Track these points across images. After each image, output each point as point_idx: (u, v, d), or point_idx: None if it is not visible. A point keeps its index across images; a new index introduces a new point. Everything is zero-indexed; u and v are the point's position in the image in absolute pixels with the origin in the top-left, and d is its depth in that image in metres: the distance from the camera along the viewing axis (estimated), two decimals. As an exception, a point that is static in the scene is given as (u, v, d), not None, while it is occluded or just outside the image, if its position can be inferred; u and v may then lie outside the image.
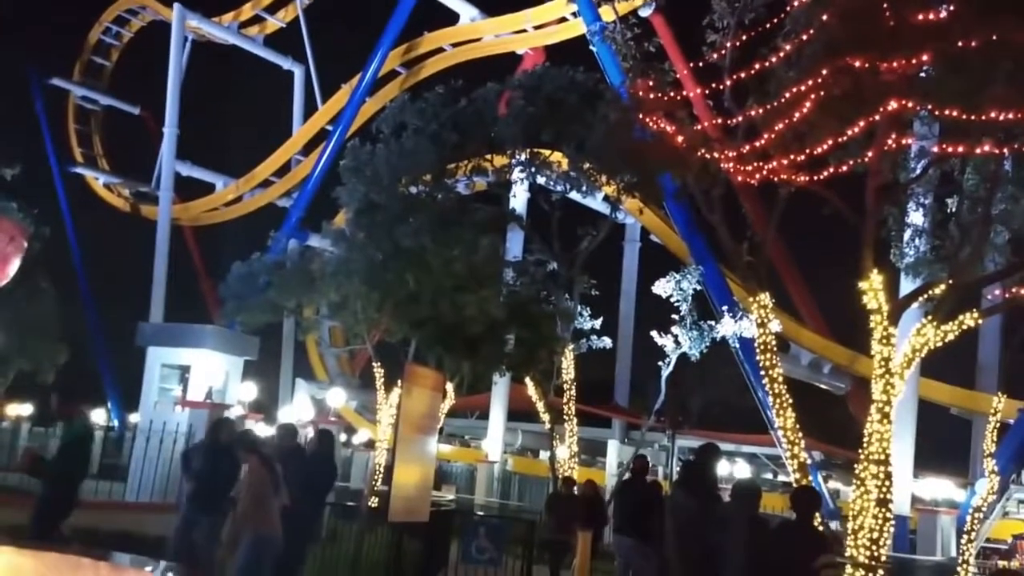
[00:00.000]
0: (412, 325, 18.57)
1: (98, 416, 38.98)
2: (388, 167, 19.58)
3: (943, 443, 27.82)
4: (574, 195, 22.38)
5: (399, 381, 13.97)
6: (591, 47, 25.23)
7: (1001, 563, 21.18)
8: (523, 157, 20.37)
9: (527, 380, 22.29)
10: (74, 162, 50.45)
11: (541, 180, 21.37)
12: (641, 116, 15.65)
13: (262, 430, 21.54)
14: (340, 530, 14.14)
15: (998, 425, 17.73)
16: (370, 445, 28.38)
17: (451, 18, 38.42)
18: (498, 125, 20.10)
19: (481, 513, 21.16)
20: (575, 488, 14.67)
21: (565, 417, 21.81)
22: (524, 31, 35.87)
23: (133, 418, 20.58)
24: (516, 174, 21.11)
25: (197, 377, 16.34)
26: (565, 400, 21.80)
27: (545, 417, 22.42)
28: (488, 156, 20.64)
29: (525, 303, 19.68)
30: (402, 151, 19.51)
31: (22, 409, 31.30)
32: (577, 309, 21.40)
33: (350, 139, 27.01)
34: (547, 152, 20.72)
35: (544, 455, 29.85)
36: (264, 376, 27.28)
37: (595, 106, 18.64)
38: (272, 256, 23.90)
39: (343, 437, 26.06)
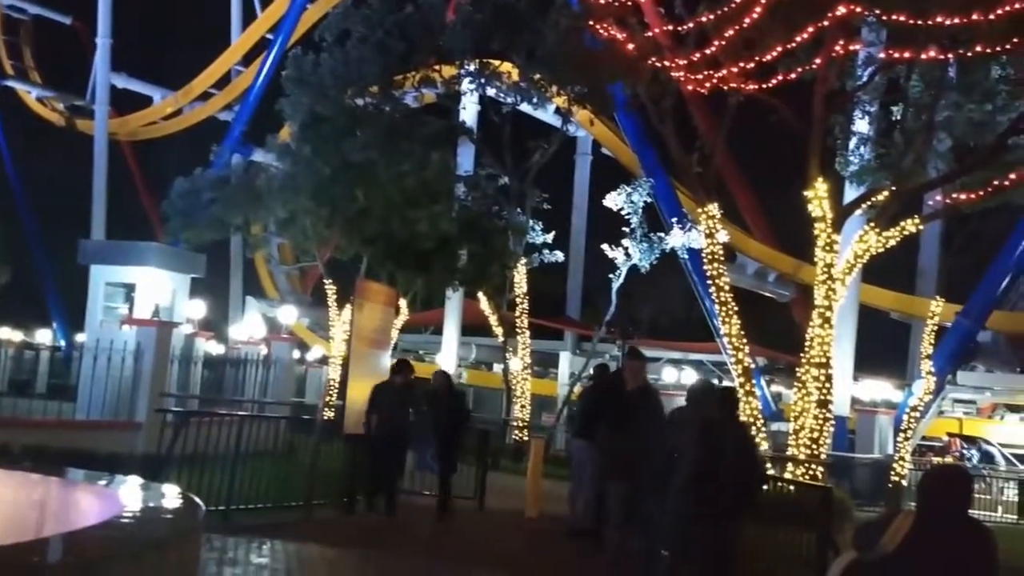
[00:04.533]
0: (363, 241, 18.40)
1: (44, 336, 38.38)
2: (333, 78, 19.02)
3: (883, 346, 28.85)
4: (525, 107, 22.10)
5: (351, 297, 13.89)
6: (541, -49, 24.53)
7: (936, 459, 22.37)
8: (472, 67, 19.95)
9: (480, 295, 22.41)
10: (4, 75, 48.03)
11: (491, 92, 21.01)
12: (592, 23, 15.35)
13: (213, 348, 21.43)
14: (297, 443, 14.28)
15: (935, 328, 18.44)
16: (324, 361, 28.45)
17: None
18: (446, 33, 19.58)
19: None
20: (411, 375, 11.51)
21: (518, 330, 22.08)
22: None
23: (80, 338, 20.20)
24: (466, 85, 20.71)
25: (143, 295, 16.04)
26: (518, 314, 22.03)
27: (498, 331, 22.67)
28: (436, 66, 20.15)
29: (477, 218, 19.61)
30: (347, 61, 18.93)
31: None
32: (529, 223, 21.41)
33: (292, 48, 26.07)
34: (497, 62, 20.32)
35: (498, 368, 30.27)
36: (213, 294, 26.89)
37: (545, 13, 18.23)
38: (215, 171, 23.30)
39: (296, 354, 26.01)
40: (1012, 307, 27.99)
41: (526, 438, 18.88)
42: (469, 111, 23.27)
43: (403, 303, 20.95)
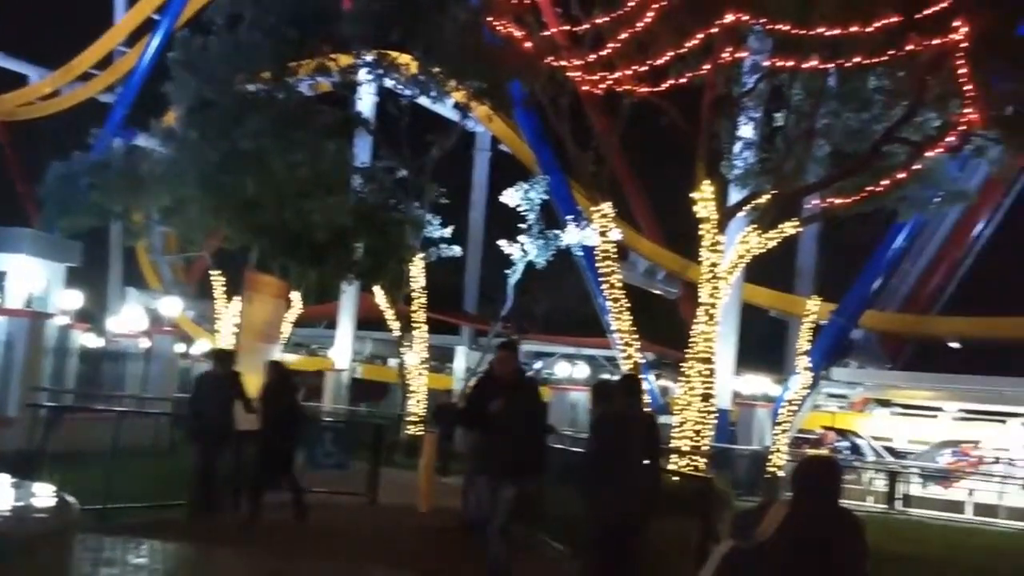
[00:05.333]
0: (253, 232, 17.86)
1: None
2: (223, 62, 18.34)
3: (762, 342, 30.10)
4: (423, 100, 21.91)
5: (240, 290, 13.47)
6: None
7: (810, 451, 23.49)
8: (370, 58, 19.62)
9: (376, 288, 22.14)
10: None
11: (389, 83, 20.73)
12: (490, 19, 15.38)
13: (90, 340, 20.39)
14: (179, 440, 13.78)
15: (812, 326, 19.36)
16: (209, 356, 27.52)
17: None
18: (342, 22, 19.19)
19: (328, 419, 21.19)
20: (233, 364, 10.49)
21: (414, 325, 21.92)
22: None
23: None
24: (363, 75, 20.36)
25: (14, 284, 15.16)
26: (414, 308, 21.87)
27: (394, 325, 22.45)
28: (332, 55, 19.73)
29: (374, 210, 19.32)
30: (238, 45, 18.30)
31: None
32: (427, 217, 21.27)
33: (180, 30, 25.04)
34: (395, 54, 20.05)
35: (394, 362, 30.01)
36: (91, 284, 25.58)
37: (445, 6, 18.11)
38: (95, 156, 22.18)
39: (180, 348, 25.04)
40: (883, 307, 29.74)
41: (420, 433, 18.79)
42: (366, 102, 22.90)
43: (295, 296, 20.49)
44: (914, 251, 29.79)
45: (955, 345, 29.33)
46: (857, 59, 12.62)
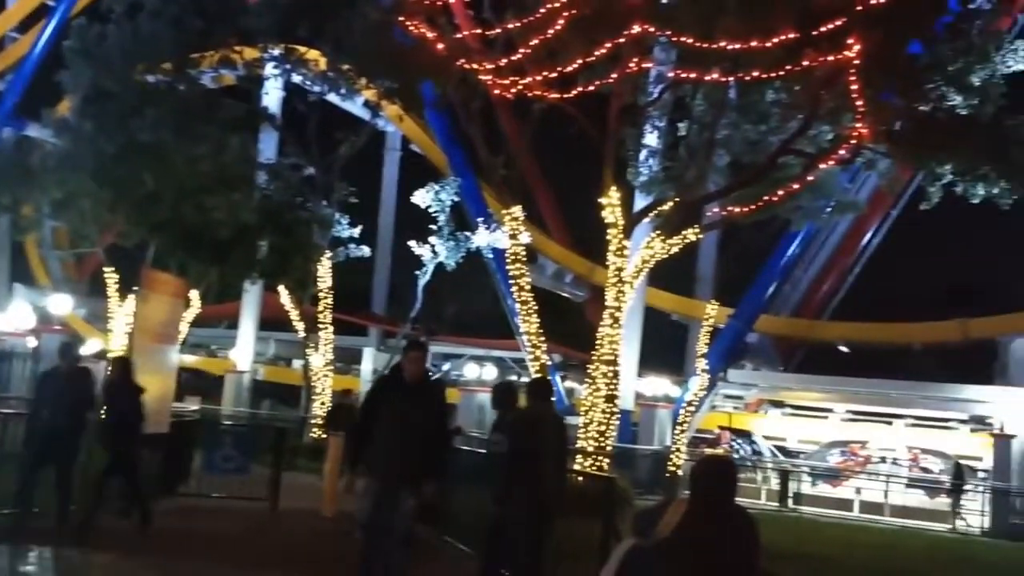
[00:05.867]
0: (151, 228, 17.22)
1: None
2: (121, 52, 17.66)
3: (664, 345, 30.90)
4: (332, 97, 21.58)
5: (135, 288, 12.95)
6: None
7: (708, 450, 24.20)
8: (276, 52, 19.21)
9: (281, 288, 21.66)
10: None
11: (297, 79, 20.34)
12: (402, 19, 15.29)
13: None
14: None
15: (710, 330, 19.97)
16: (101, 356, 26.40)
17: None
18: (249, 14, 18.73)
19: (228, 422, 20.60)
20: (79, 362, 9.76)
21: (320, 325, 21.54)
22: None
23: None
24: (269, 70, 19.92)
25: None
26: (321, 308, 21.49)
27: (299, 326, 22.01)
28: (237, 48, 19.21)
29: (279, 208, 18.92)
30: (137, 35, 17.64)
31: None
32: (335, 216, 20.95)
33: (75, 17, 23.94)
34: (303, 49, 19.69)
35: (298, 364, 29.40)
36: (-26, 281, 24.19)
37: (355, 3, 17.89)
38: (-20, 145, 20.98)
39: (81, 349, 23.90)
40: (777, 312, 30.94)
41: (325, 436, 18.48)
42: (272, 97, 22.41)
43: (195, 295, 19.85)
44: (806, 259, 31.17)
45: (844, 349, 30.77)
46: (756, 73, 13.10)
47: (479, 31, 15.96)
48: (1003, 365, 27.16)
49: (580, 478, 9.88)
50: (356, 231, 21.44)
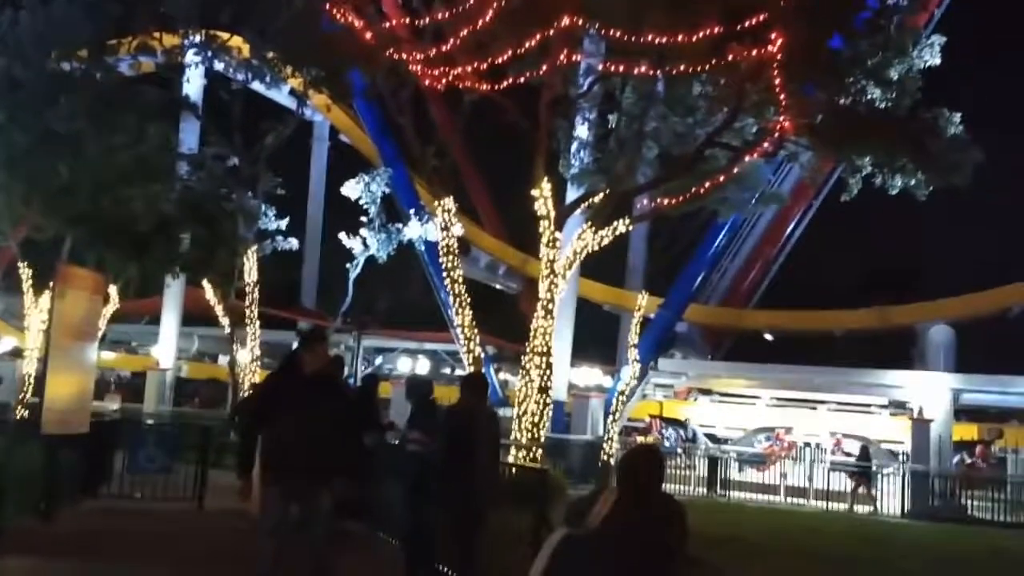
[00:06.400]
0: (67, 221, 16.56)
1: None
2: (34, 38, 16.88)
3: (597, 335, 31.24)
4: (257, 86, 21.07)
5: (51, 284, 12.45)
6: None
7: (639, 438, 24.54)
8: (198, 38, 18.65)
9: (205, 282, 21.09)
10: None
11: (219, 66, 19.79)
12: (329, 6, 14.99)
13: None
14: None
15: (641, 320, 20.22)
16: (17, 354, 25.34)
17: None
18: (168, 0, 18.14)
19: (151, 422, 20.00)
20: None
21: (247, 320, 21.06)
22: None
23: None
24: (190, 56, 19.33)
25: None
26: (247, 303, 21.01)
27: (224, 321, 21.48)
28: (156, 34, 18.58)
29: (202, 200, 18.41)
30: (51, 20, 16.89)
31: None
32: (261, 208, 20.49)
33: (-17, 0, 22.78)
34: (226, 35, 19.16)
35: (224, 360, 28.73)
36: None
37: (280, -11, 17.48)
38: None
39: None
40: (705, 301, 31.57)
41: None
42: (194, 84, 21.76)
43: (113, 290, 19.19)
44: (733, 249, 31.87)
45: (769, 337, 31.58)
46: (683, 66, 13.26)
47: (408, 20, 15.77)
48: (921, 351, 28.28)
49: (513, 470, 9.88)
50: (283, 223, 21.01)
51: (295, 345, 6.59)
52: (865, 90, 13.70)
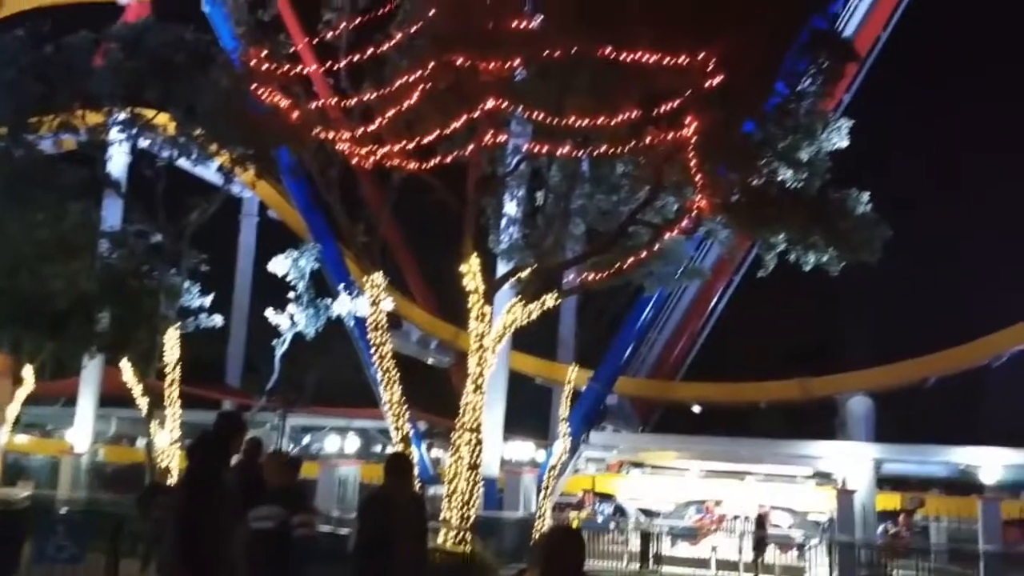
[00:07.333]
0: (-20, 300, 16.01)
1: None
2: (-49, 113, 16.58)
3: (529, 409, 31.13)
4: (183, 162, 20.92)
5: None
6: (202, 7, 23.85)
7: (573, 514, 24.34)
8: (122, 116, 18.51)
9: (124, 362, 20.42)
10: None
11: (145, 143, 19.62)
12: (255, 87, 15.11)
13: None
14: None
15: (572, 393, 20.32)
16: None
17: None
18: (93, 78, 18.02)
19: (64, 510, 19.00)
20: None
21: (167, 401, 20.38)
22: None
23: None
24: (114, 134, 19.13)
25: None
26: (168, 383, 20.37)
27: (142, 402, 20.75)
28: (80, 112, 18.39)
29: (122, 277, 18.01)
30: (-30, 97, 16.64)
31: None
32: (185, 285, 20.07)
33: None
34: (151, 113, 19.07)
35: (143, 443, 27.64)
36: None
37: (207, 69, 17.55)
38: None
39: None
40: (634, 373, 31.92)
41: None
42: (118, 162, 21.48)
43: (29, 371, 18.44)
44: (660, 322, 32.48)
45: (697, 408, 31.99)
46: (604, 148, 13.73)
47: (336, 100, 15.99)
48: (842, 421, 28.95)
49: (440, 554, 9.70)
50: (207, 300, 20.61)
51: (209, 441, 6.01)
52: (777, 171, 14.33)
